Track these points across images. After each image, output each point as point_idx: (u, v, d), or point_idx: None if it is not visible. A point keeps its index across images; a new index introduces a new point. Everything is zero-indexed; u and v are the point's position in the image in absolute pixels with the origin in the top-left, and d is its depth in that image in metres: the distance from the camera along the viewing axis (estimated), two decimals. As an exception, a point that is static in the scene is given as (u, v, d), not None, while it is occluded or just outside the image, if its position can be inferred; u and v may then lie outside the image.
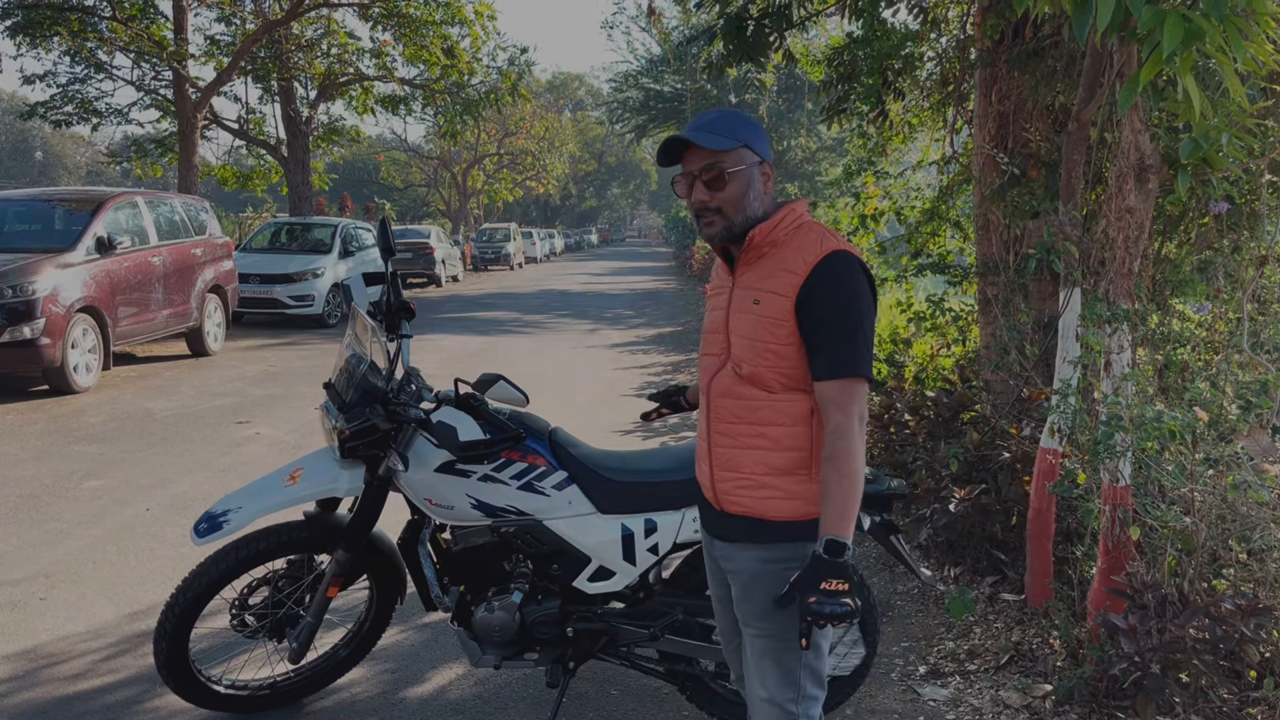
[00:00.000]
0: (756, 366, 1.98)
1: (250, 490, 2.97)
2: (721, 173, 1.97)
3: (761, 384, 1.99)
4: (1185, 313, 4.15)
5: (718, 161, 1.97)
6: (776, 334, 1.95)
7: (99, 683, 3.38)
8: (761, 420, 2.00)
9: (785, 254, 1.98)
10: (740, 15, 5.75)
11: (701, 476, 2.17)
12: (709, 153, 1.97)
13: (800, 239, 1.98)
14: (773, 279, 1.97)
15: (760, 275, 2.00)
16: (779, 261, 1.98)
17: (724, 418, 2.06)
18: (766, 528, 2.03)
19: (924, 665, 3.58)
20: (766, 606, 2.03)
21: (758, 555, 2.04)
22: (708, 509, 2.18)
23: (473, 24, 18.57)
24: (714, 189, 1.97)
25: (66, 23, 16.45)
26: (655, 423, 4.27)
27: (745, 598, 2.09)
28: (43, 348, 8.03)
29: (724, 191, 1.97)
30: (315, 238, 15.73)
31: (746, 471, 2.03)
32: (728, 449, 2.06)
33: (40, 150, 74.23)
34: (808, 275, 1.92)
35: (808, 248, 1.96)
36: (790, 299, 1.94)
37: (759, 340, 1.97)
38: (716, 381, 2.08)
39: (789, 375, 1.97)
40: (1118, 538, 3.12)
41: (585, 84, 61.97)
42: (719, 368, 2.08)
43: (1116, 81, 3.17)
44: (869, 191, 7.50)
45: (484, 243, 33.53)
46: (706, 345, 2.16)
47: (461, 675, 3.49)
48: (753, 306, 1.99)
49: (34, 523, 5.02)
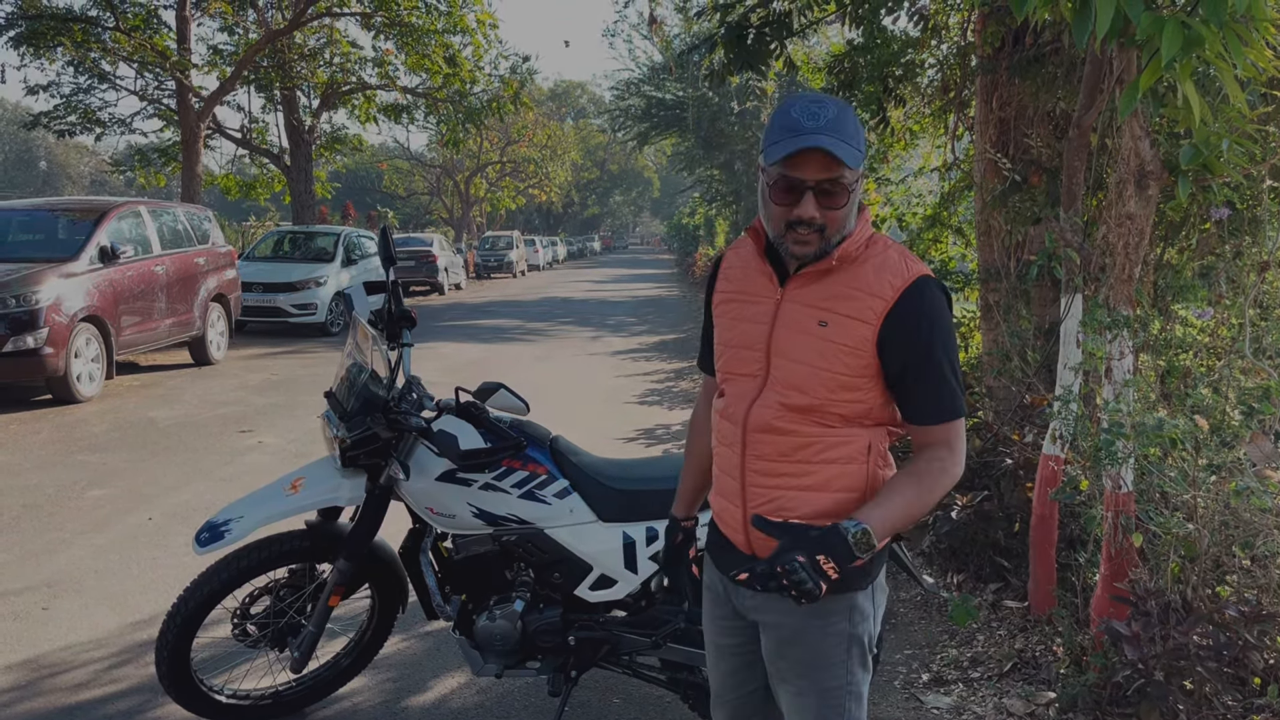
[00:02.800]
0: (818, 397, 1.74)
1: (252, 499, 2.97)
2: (845, 188, 1.68)
3: (819, 417, 1.75)
4: (1187, 318, 4.15)
5: (842, 176, 1.67)
6: (850, 364, 1.72)
7: (101, 692, 3.38)
8: (812, 457, 1.76)
9: (862, 272, 1.73)
10: (741, 24, 5.77)
11: (728, 517, 1.90)
12: (836, 163, 1.65)
13: (878, 257, 1.74)
14: (848, 301, 1.72)
15: (828, 294, 1.74)
16: (855, 281, 1.73)
17: (764, 454, 1.79)
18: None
19: (927, 673, 3.57)
20: (809, 663, 1.84)
21: (799, 609, 1.80)
22: (733, 554, 1.91)
23: (475, 33, 18.64)
24: (829, 206, 1.68)
25: (70, 33, 16.53)
26: (658, 430, 4.26)
27: (782, 654, 1.87)
28: (46, 357, 8.05)
29: (838, 210, 1.69)
30: (318, 246, 15.76)
31: (790, 515, 1.77)
32: (768, 489, 1.80)
33: (44, 160, 74.45)
34: (895, 302, 1.70)
35: (890, 269, 1.72)
36: (873, 326, 1.70)
37: (826, 370, 1.73)
38: (755, 413, 1.80)
39: (854, 409, 1.75)
40: (1120, 544, 3.11)
41: (587, 92, 62.10)
42: (756, 395, 1.80)
43: (1117, 88, 3.17)
44: (871, 198, 7.50)
45: (487, 250, 33.57)
46: (735, 363, 1.86)
47: (463, 684, 3.48)
48: (817, 329, 1.73)
49: (37, 532, 5.03)
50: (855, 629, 1.83)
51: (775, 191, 1.71)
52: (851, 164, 1.66)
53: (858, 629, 1.83)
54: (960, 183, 6.21)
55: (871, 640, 1.88)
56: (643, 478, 2.93)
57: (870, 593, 1.86)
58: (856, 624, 1.83)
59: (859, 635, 1.84)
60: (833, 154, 1.63)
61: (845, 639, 1.83)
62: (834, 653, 1.83)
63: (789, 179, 1.68)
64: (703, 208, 31.71)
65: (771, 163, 1.69)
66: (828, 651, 1.83)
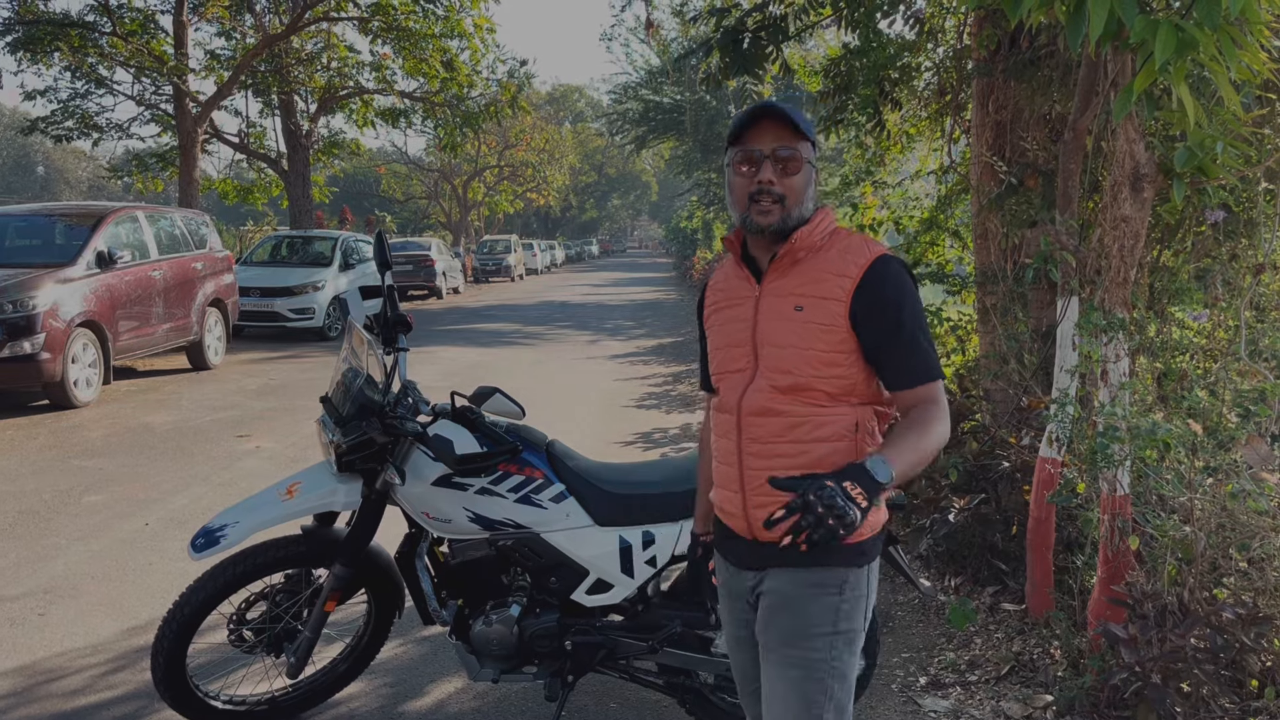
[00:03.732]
0: (804, 376, 1.85)
1: (247, 505, 2.96)
2: (798, 157, 1.85)
3: (807, 395, 1.86)
4: (1184, 321, 4.15)
5: (797, 146, 1.86)
6: (827, 340, 1.84)
7: (97, 698, 3.37)
8: (804, 436, 1.86)
9: (828, 258, 1.88)
10: (737, 29, 5.77)
11: (729, 505, 1.98)
12: (790, 134, 1.85)
13: (841, 244, 1.90)
14: (818, 284, 1.86)
15: (800, 281, 1.89)
16: (822, 266, 1.88)
17: (759, 437, 1.90)
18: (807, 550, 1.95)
19: (924, 676, 3.57)
20: (794, 631, 1.88)
21: (794, 577, 1.89)
22: (734, 541, 2.01)
23: (472, 37, 18.65)
24: (785, 173, 1.85)
25: (67, 38, 16.52)
26: (655, 434, 4.26)
27: (773, 621, 1.92)
28: (43, 362, 8.04)
29: (793, 179, 1.85)
30: (316, 251, 15.76)
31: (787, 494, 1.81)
32: (765, 470, 1.88)
33: (42, 165, 74.45)
34: (860, 279, 1.84)
35: (853, 251, 1.88)
36: (843, 303, 1.84)
37: (809, 349, 1.85)
38: (748, 399, 1.91)
39: (838, 385, 1.86)
40: (1117, 547, 3.11)
41: (585, 96, 62.16)
42: (747, 383, 1.92)
43: (1111, 91, 3.18)
44: (867, 201, 7.51)
45: (485, 255, 33.58)
46: (727, 361, 1.99)
47: (460, 689, 3.48)
48: (794, 313, 1.87)
49: (33, 537, 5.02)
50: (845, 604, 1.88)
51: (736, 166, 1.89)
52: (805, 135, 1.86)
53: (847, 603, 1.88)
54: (957, 186, 6.21)
55: (861, 627, 1.92)
56: (639, 482, 2.92)
57: (864, 573, 1.91)
58: (847, 598, 1.88)
59: (848, 611, 1.89)
60: (787, 118, 1.83)
61: (833, 611, 1.87)
62: (820, 623, 1.87)
63: (748, 151, 1.87)
64: (700, 211, 31.76)
65: (733, 142, 1.90)
66: (815, 619, 1.87)
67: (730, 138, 1.91)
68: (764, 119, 1.86)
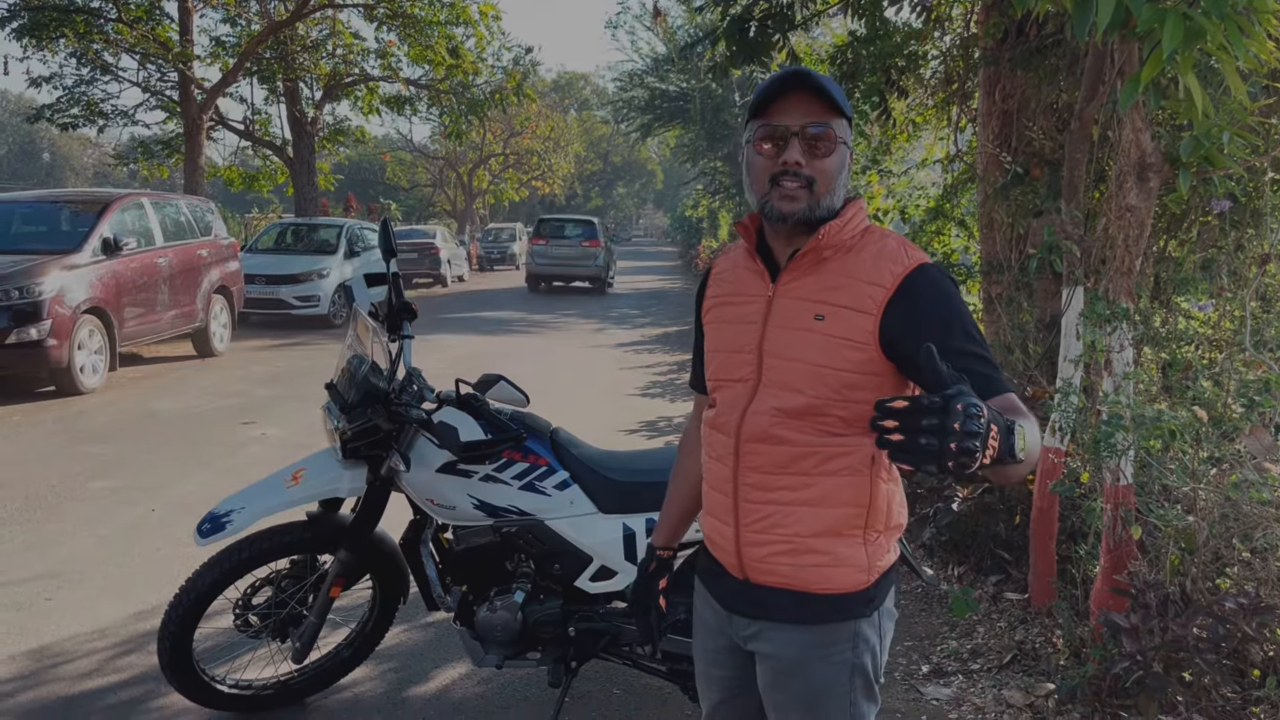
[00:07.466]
0: (818, 397, 1.58)
1: (253, 491, 2.98)
2: (832, 135, 1.57)
3: (820, 421, 1.59)
4: (1189, 311, 4.14)
5: (831, 123, 1.57)
6: (852, 359, 1.56)
7: (104, 682, 3.40)
8: (812, 469, 1.61)
9: (859, 261, 1.59)
10: (743, 17, 5.75)
11: (720, 539, 1.74)
12: (823, 108, 1.57)
13: (875, 245, 1.61)
14: (844, 290, 1.58)
15: (824, 285, 1.60)
16: (850, 270, 1.59)
17: (760, 466, 1.64)
18: (809, 604, 1.66)
19: (927, 664, 3.58)
20: (810, 695, 1.70)
21: (798, 639, 1.68)
22: (724, 580, 1.76)
23: (477, 24, 18.57)
24: (816, 154, 1.57)
25: (72, 25, 16.49)
26: (660, 423, 4.26)
27: (780, 686, 1.72)
28: (49, 349, 8.06)
29: (825, 162, 1.57)
30: (321, 238, 15.76)
31: (788, 533, 1.63)
32: (763, 504, 1.65)
33: (47, 152, 74.50)
34: (895, 289, 1.55)
35: (889, 256, 1.59)
36: (874, 316, 1.55)
37: (828, 366, 1.57)
38: (750, 422, 1.64)
39: (856, 411, 1.57)
40: (1120, 537, 3.12)
41: (590, 83, 61.97)
42: (748, 401, 1.65)
43: (1118, 80, 3.17)
44: (873, 190, 7.50)
45: (490, 242, 33.55)
46: (726, 368, 1.71)
47: (464, 675, 3.49)
48: (814, 323, 1.59)
49: (40, 523, 5.04)
50: (859, 658, 1.70)
51: (758, 143, 1.60)
52: (841, 110, 1.58)
53: (861, 658, 1.70)
54: (963, 175, 6.20)
55: (878, 670, 1.75)
56: (643, 469, 2.93)
57: (875, 620, 1.71)
58: (861, 653, 1.69)
59: (863, 664, 1.70)
60: (823, 88, 1.55)
61: (848, 668, 1.69)
62: (836, 683, 1.69)
63: (773, 126, 1.58)
64: (706, 200, 31.68)
65: (755, 114, 1.61)
66: (830, 682, 1.69)
67: (753, 109, 1.61)
68: (795, 90, 1.57)
